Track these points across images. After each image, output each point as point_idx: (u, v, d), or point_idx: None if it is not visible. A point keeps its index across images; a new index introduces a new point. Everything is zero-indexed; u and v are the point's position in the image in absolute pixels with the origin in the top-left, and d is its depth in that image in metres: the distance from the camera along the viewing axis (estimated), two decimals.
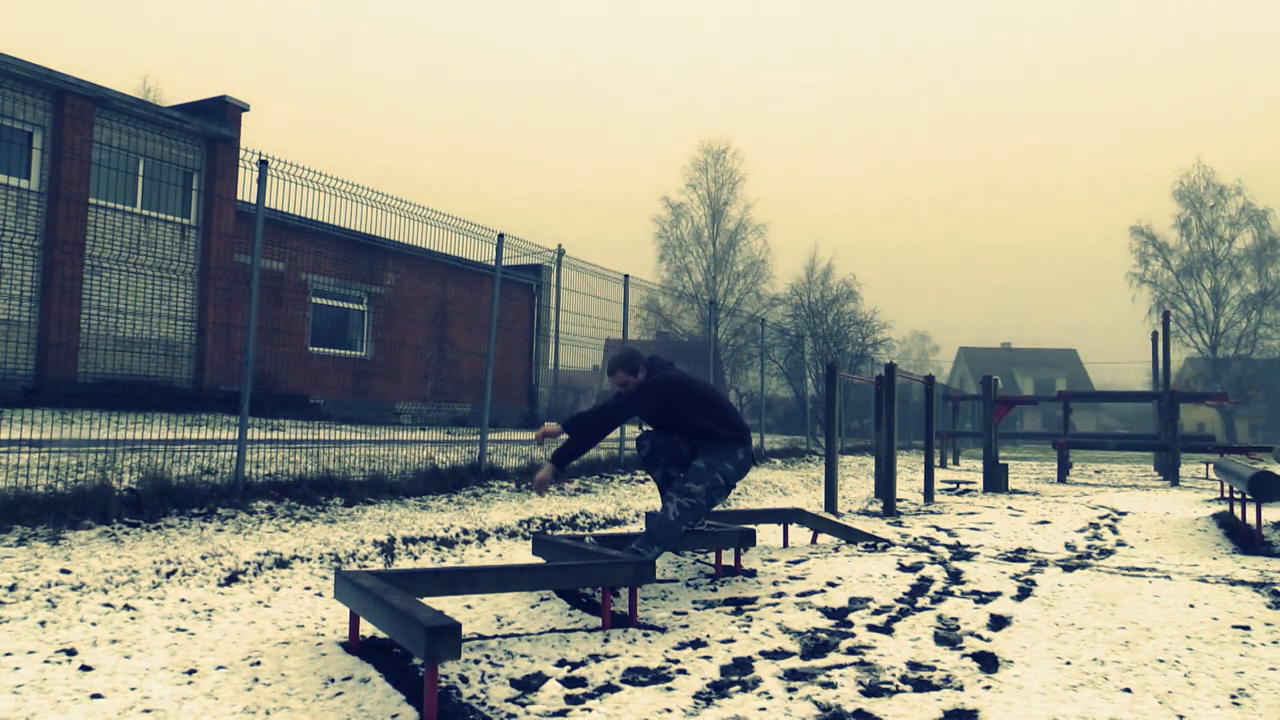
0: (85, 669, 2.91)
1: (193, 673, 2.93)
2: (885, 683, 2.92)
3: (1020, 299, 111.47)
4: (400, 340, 18.43)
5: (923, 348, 68.62)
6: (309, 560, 4.67)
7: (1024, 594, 4.34)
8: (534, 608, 4.00)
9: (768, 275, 38.01)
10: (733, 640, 3.44)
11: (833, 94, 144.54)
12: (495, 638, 3.47)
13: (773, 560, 5.36)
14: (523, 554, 5.36)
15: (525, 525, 6.22)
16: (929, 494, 10.17)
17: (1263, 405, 42.39)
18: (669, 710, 2.66)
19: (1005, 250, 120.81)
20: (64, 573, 3.92)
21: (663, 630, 3.62)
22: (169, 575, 4.09)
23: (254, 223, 6.58)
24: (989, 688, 2.87)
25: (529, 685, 2.88)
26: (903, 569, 4.99)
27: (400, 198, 8.03)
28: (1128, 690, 2.87)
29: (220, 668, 2.99)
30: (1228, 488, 9.38)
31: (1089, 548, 6.25)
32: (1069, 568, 5.20)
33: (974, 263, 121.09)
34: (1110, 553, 6.00)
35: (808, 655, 3.25)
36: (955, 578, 4.77)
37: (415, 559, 5.12)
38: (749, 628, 3.63)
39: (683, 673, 3.03)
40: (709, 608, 4.05)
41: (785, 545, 6.10)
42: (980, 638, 3.49)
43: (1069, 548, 6.23)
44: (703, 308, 32.48)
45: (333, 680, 2.88)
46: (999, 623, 3.75)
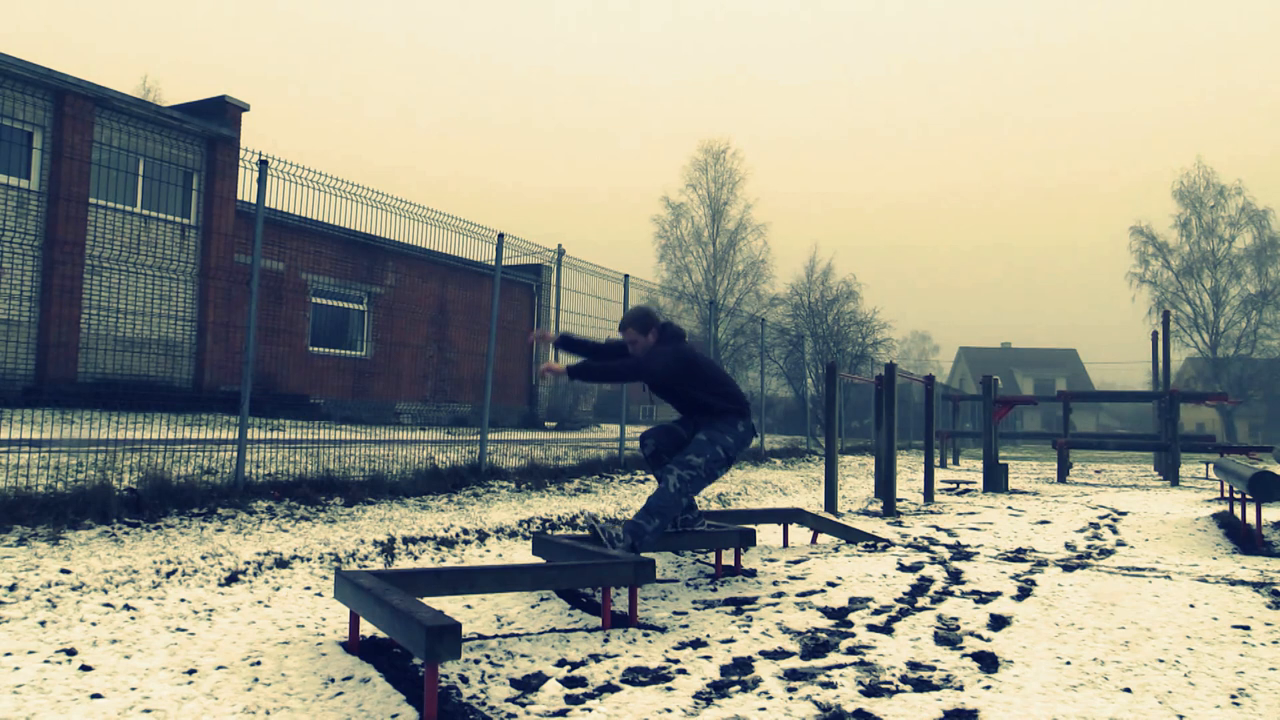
0: (85, 669, 2.91)
1: (193, 673, 2.93)
2: (885, 683, 2.92)
3: (1020, 299, 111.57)
4: (400, 340, 18.43)
5: (923, 348, 68.67)
6: (309, 560, 4.67)
7: (1024, 594, 4.34)
8: (534, 608, 4.00)
9: (768, 275, 38.05)
10: (733, 640, 3.44)
11: (833, 95, 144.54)
12: (495, 638, 3.47)
13: (773, 560, 5.36)
14: (523, 554, 5.36)
15: (525, 525, 6.22)
16: (929, 494, 10.17)
17: (1263, 405, 42.39)
18: (669, 710, 2.66)
19: (1005, 250, 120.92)
20: (64, 573, 3.92)
21: (663, 630, 3.62)
22: (169, 575, 4.09)
23: (254, 222, 6.58)
24: (989, 688, 2.87)
25: (529, 685, 2.88)
26: (903, 569, 4.99)
27: (400, 198, 8.04)
28: (1128, 690, 2.87)
29: (220, 668, 2.99)
30: (1228, 488, 9.38)
31: (1089, 548, 6.25)
32: (1069, 568, 5.19)
33: (974, 263, 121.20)
34: (1110, 553, 6.00)
35: (808, 655, 3.25)
36: (955, 578, 4.77)
37: (415, 559, 5.12)
38: (749, 628, 3.63)
39: (683, 673, 3.03)
40: (709, 608, 4.05)
41: (785, 545, 6.10)
42: (980, 638, 3.49)
43: (1069, 548, 6.23)
44: (703, 308, 32.45)
45: (333, 680, 2.88)
46: (999, 623, 3.75)
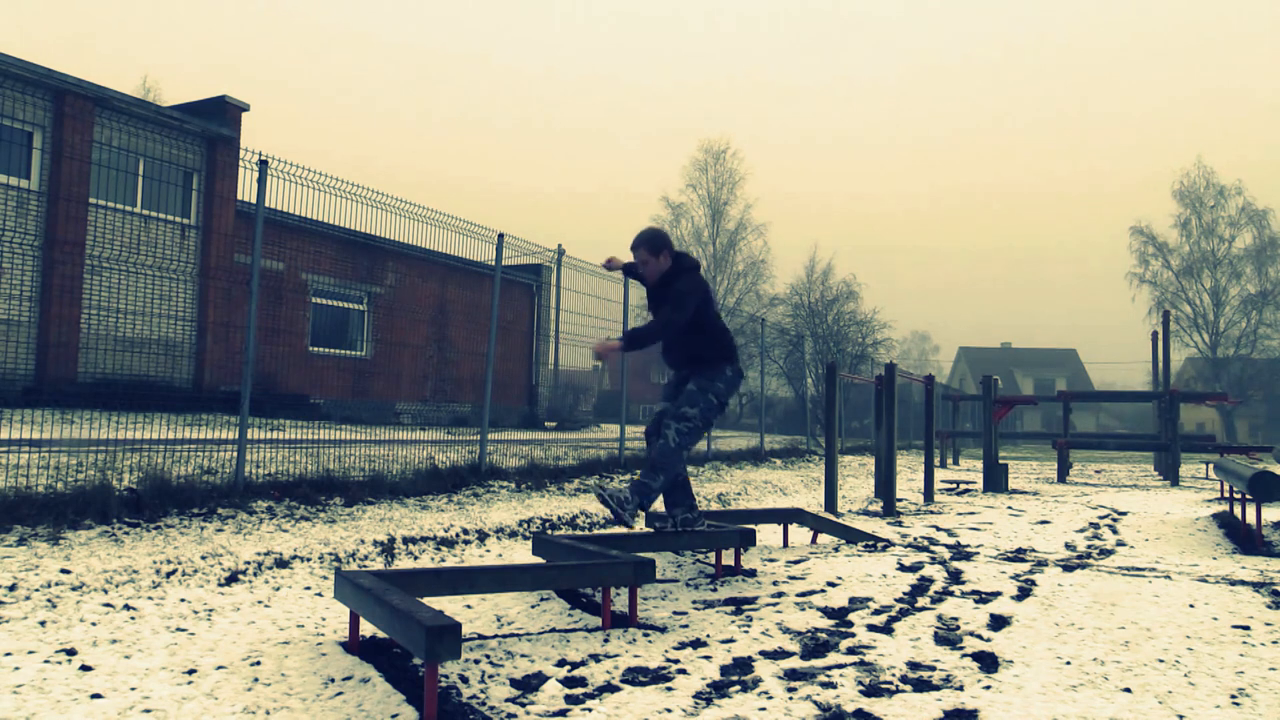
0: (85, 669, 2.91)
1: (193, 673, 2.93)
2: (885, 683, 2.92)
3: (1020, 299, 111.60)
4: (400, 340, 18.43)
5: (923, 348, 68.72)
6: (309, 560, 4.67)
7: (1024, 594, 4.34)
8: (534, 608, 4.00)
9: (768, 275, 38.11)
10: (733, 640, 3.44)
11: (833, 96, 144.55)
12: (495, 638, 3.46)
13: (773, 560, 5.36)
14: (523, 554, 5.36)
15: (525, 525, 6.22)
16: (929, 494, 10.17)
17: (1263, 405, 42.39)
18: (669, 710, 2.66)
19: (1005, 250, 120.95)
20: (64, 573, 3.92)
21: (663, 630, 3.62)
22: (169, 575, 4.09)
23: (254, 222, 6.58)
24: (989, 688, 2.87)
25: (529, 685, 2.88)
26: (903, 569, 4.99)
27: (400, 197, 8.04)
28: (1128, 690, 2.87)
29: (220, 668, 2.99)
30: (1228, 488, 9.38)
31: (1089, 548, 6.25)
32: (1069, 568, 5.19)
33: (974, 263, 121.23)
34: (1110, 553, 6.00)
35: (808, 655, 3.25)
36: (955, 578, 4.77)
37: (415, 559, 5.12)
38: (749, 628, 3.63)
39: (683, 673, 3.03)
40: (709, 608, 4.05)
41: (785, 545, 6.10)
42: (980, 638, 3.49)
43: (1069, 548, 6.23)
44: None
45: (333, 680, 2.88)
46: (999, 623, 3.75)
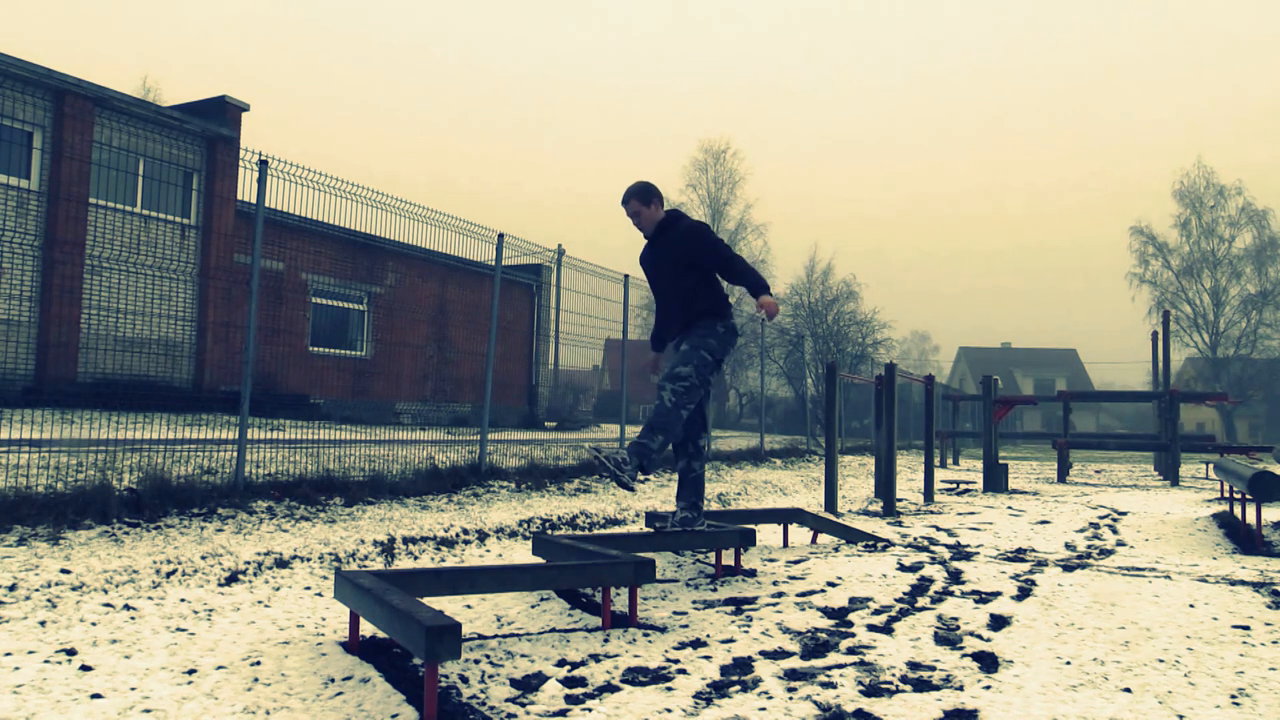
0: (85, 669, 2.91)
1: (193, 673, 2.93)
2: (885, 683, 2.92)
3: (1020, 299, 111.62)
4: (400, 340, 18.43)
5: (923, 348, 68.71)
6: (309, 560, 4.67)
7: (1024, 594, 4.34)
8: (534, 608, 4.00)
9: (768, 275, 38.07)
10: (733, 640, 3.44)
11: (834, 98, 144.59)
12: (495, 638, 3.46)
13: (773, 560, 5.36)
14: (523, 554, 5.36)
15: (525, 525, 6.22)
16: (929, 494, 10.17)
17: (1263, 405, 42.40)
18: (669, 710, 2.66)
19: (1005, 250, 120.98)
20: (64, 573, 3.92)
21: (663, 630, 3.62)
22: (169, 575, 4.09)
23: (254, 222, 6.58)
24: (989, 688, 2.87)
25: (529, 685, 2.88)
26: (903, 569, 4.99)
27: (400, 197, 8.04)
28: (1128, 690, 2.87)
29: (220, 668, 2.99)
30: (1228, 488, 9.38)
31: (1089, 548, 6.25)
32: (1069, 568, 5.19)
33: (974, 263, 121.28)
34: (1110, 553, 6.00)
35: (808, 655, 3.25)
36: (955, 578, 4.77)
37: (415, 559, 5.12)
38: (749, 628, 3.63)
39: (683, 673, 3.03)
40: (709, 608, 4.05)
41: (785, 545, 6.10)
42: (980, 638, 3.49)
43: (1069, 548, 6.23)
44: None
45: (333, 680, 2.88)
46: (999, 623, 3.75)
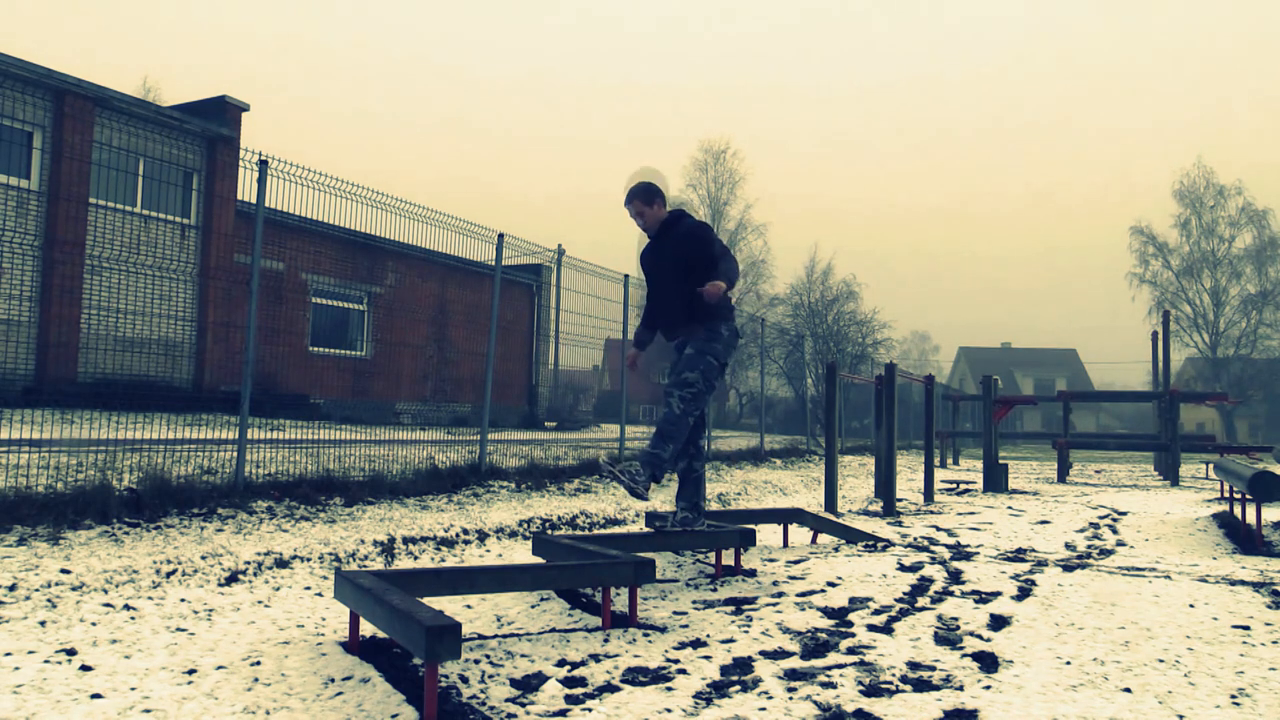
0: (85, 669, 2.91)
1: (193, 673, 2.93)
2: (885, 683, 2.92)
3: (1020, 299, 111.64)
4: (400, 340, 18.43)
5: (923, 348, 68.66)
6: (309, 560, 4.67)
7: (1024, 594, 4.34)
8: (534, 608, 4.00)
9: (768, 275, 38.12)
10: (733, 640, 3.44)
11: (833, 101, 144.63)
12: (495, 638, 3.46)
13: (773, 560, 5.36)
14: (523, 554, 5.36)
15: (525, 525, 6.22)
16: (929, 494, 10.17)
17: (1263, 405, 42.40)
18: (669, 710, 2.66)
19: (1005, 250, 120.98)
20: (64, 573, 3.92)
21: (663, 630, 3.62)
22: (169, 575, 4.09)
23: (254, 222, 6.58)
24: (989, 688, 2.87)
25: (529, 685, 2.88)
26: (903, 569, 4.99)
27: (400, 197, 8.04)
28: (1128, 690, 2.87)
29: (220, 668, 2.99)
30: (1228, 488, 9.38)
31: (1089, 548, 6.25)
32: (1069, 568, 5.19)
33: (974, 263, 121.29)
34: (1110, 553, 6.00)
35: (808, 655, 3.25)
36: (955, 578, 4.77)
37: (415, 559, 5.12)
38: (749, 628, 3.63)
39: (683, 673, 3.03)
40: (709, 608, 4.05)
41: (785, 545, 6.10)
42: (980, 638, 3.49)
43: (1069, 548, 6.23)
44: None
45: (333, 680, 2.88)
46: (999, 623, 3.75)
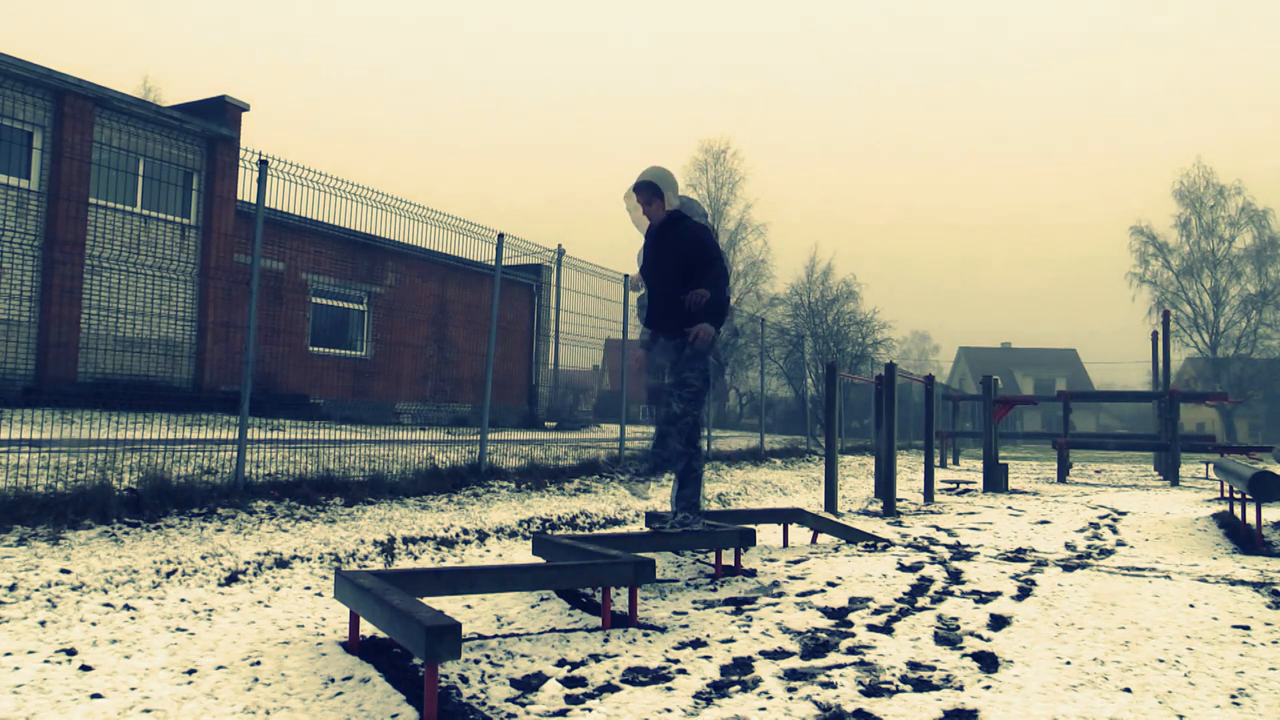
0: (85, 669, 2.91)
1: (193, 673, 2.93)
2: (885, 683, 2.92)
3: (1020, 299, 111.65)
4: (400, 340, 18.43)
5: (923, 348, 68.72)
6: (309, 560, 4.67)
7: (1024, 594, 4.34)
8: (534, 608, 4.00)
9: (768, 275, 38.07)
10: (733, 640, 3.44)
11: (833, 103, 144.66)
12: (495, 638, 3.47)
13: (773, 560, 5.36)
14: (523, 554, 5.36)
15: (525, 525, 6.22)
16: (929, 494, 10.17)
17: (1263, 405, 42.41)
18: (669, 710, 2.66)
19: (1005, 250, 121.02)
20: (64, 573, 3.92)
21: (663, 630, 3.62)
22: (169, 575, 4.09)
23: (254, 222, 6.58)
24: (989, 688, 2.87)
25: (529, 685, 2.88)
26: (903, 569, 4.99)
27: (400, 197, 8.04)
28: (1128, 690, 2.87)
29: (220, 668, 2.99)
30: (1228, 488, 9.38)
31: (1089, 548, 6.25)
32: (1069, 568, 5.19)
33: (974, 263, 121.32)
34: (1110, 553, 6.00)
35: (808, 655, 3.25)
36: (955, 578, 4.77)
37: (415, 559, 5.12)
38: (749, 628, 3.63)
39: (683, 673, 3.03)
40: (709, 608, 4.05)
41: (785, 545, 6.10)
42: (980, 638, 3.49)
43: (1069, 548, 6.23)
44: None
45: (333, 680, 2.88)
46: (999, 623, 3.75)
